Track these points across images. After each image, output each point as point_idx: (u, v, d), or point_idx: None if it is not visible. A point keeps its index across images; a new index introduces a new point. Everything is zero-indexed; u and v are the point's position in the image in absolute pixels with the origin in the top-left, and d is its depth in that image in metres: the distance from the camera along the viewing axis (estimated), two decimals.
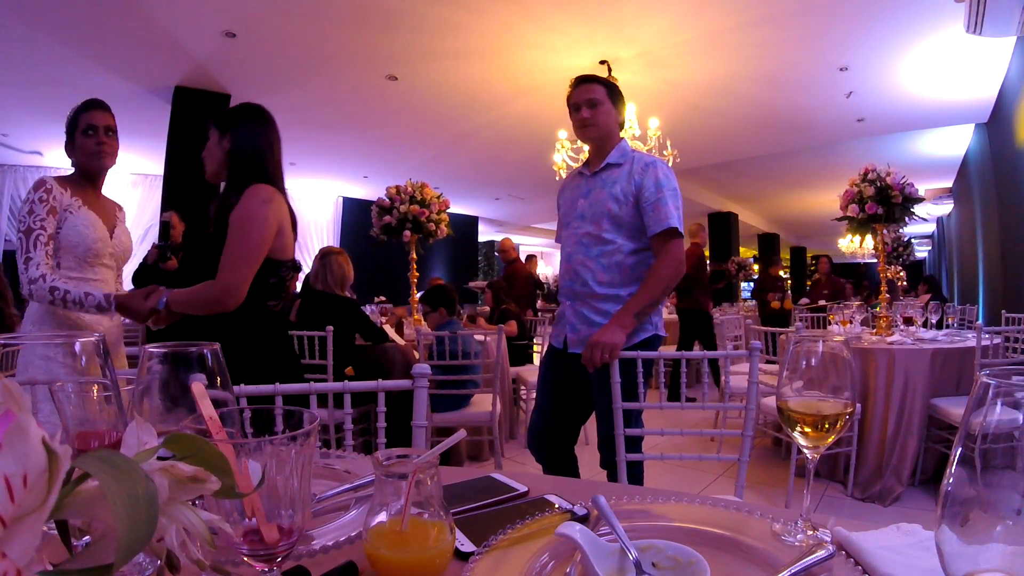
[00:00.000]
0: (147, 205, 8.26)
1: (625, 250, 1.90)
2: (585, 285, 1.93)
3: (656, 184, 1.86)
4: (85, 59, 4.74)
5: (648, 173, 1.88)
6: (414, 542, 0.52)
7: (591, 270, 1.92)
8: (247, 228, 1.63)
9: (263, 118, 1.78)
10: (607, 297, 1.90)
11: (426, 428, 1.19)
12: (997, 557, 0.35)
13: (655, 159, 1.94)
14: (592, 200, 1.96)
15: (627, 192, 1.89)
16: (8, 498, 0.24)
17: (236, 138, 1.73)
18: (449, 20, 4.26)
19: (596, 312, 1.91)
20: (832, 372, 0.68)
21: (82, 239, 1.81)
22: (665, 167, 1.92)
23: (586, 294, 1.93)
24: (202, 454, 0.34)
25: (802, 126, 6.79)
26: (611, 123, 1.98)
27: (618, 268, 1.90)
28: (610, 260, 1.90)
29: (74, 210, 1.83)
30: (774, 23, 4.34)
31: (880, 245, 3.62)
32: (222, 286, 1.61)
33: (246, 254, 1.62)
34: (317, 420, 0.47)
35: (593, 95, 1.96)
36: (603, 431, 1.86)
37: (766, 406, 3.19)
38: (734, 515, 0.68)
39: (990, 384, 0.36)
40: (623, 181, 1.91)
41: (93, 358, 0.55)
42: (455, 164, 8.25)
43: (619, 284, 1.90)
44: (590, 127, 1.96)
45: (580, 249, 1.95)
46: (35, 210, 1.76)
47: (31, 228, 1.73)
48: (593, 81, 2.00)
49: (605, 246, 1.91)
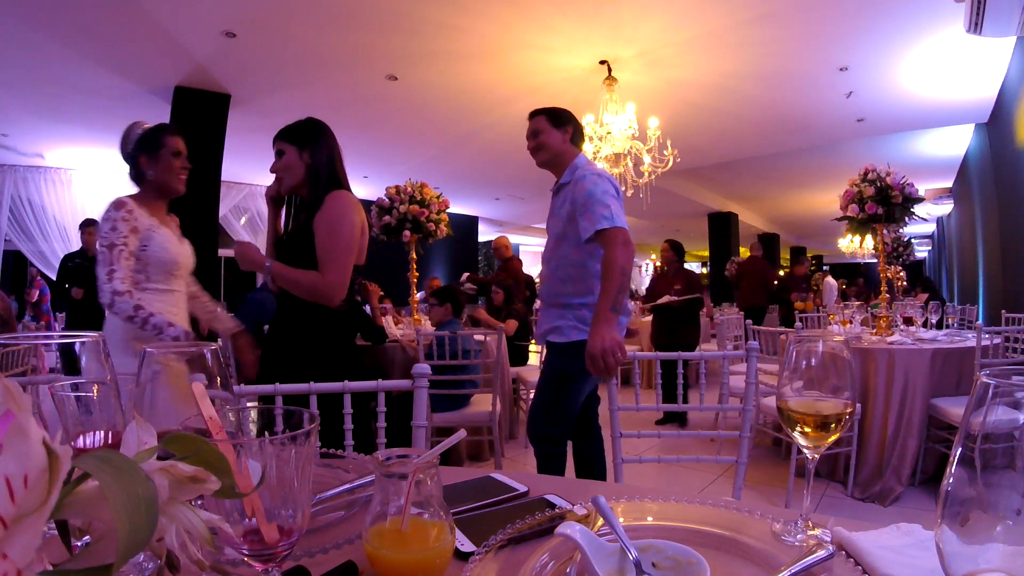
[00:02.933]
0: None
1: (571, 261, 2.11)
2: (549, 295, 2.20)
3: (584, 195, 2.02)
4: (85, 59, 4.74)
5: (577, 188, 2.05)
6: (414, 542, 0.52)
7: (551, 283, 2.18)
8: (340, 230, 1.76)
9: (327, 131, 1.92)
10: (563, 305, 2.14)
11: (426, 428, 1.19)
12: (997, 557, 0.35)
13: (587, 172, 2.09)
14: (554, 219, 2.20)
15: (567, 209, 2.09)
16: (8, 498, 0.24)
17: (314, 152, 1.86)
18: (449, 21, 4.26)
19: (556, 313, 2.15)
20: (832, 372, 0.68)
21: (170, 256, 1.94)
22: (594, 177, 2.05)
23: (552, 302, 2.19)
24: (202, 454, 0.34)
25: (802, 126, 6.79)
26: (556, 145, 2.17)
27: (568, 279, 2.12)
28: (563, 273, 2.13)
29: (155, 228, 1.94)
30: (774, 22, 4.34)
31: (880, 245, 3.62)
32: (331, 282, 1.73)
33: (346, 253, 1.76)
34: (317, 420, 0.47)
35: (535, 127, 2.20)
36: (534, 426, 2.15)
37: (766, 406, 3.19)
38: (734, 515, 0.68)
39: (990, 384, 0.36)
40: (568, 199, 2.09)
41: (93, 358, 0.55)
42: (455, 164, 8.25)
43: (572, 294, 2.11)
44: (538, 155, 2.21)
45: (545, 264, 2.24)
46: (118, 227, 1.85)
47: (114, 243, 1.82)
48: (535, 115, 2.23)
49: (559, 260, 2.14)
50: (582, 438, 2.26)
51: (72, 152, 7.43)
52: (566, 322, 2.12)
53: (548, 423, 2.12)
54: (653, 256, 22.79)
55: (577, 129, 2.23)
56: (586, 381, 2.14)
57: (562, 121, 2.19)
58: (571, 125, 2.21)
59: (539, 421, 2.14)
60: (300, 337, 1.80)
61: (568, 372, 2.10)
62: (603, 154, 5.09)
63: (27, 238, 7.72)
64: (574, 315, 2.11)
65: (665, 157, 5.17)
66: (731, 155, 8.19)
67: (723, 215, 12.54)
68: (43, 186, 7.81)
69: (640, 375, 1.70)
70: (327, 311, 1.79)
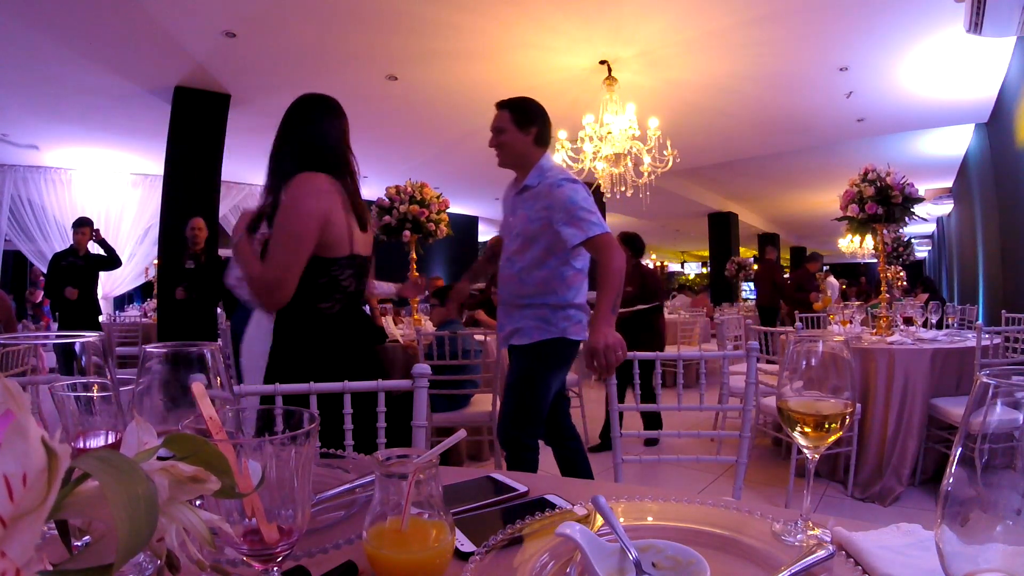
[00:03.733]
0: (147, 205, 8.26)
1: (538, 265, 2.09)
2: (509, 297, 2.16)
3: (565, 202, 1.99)
4: (85, 59, 4.74)
5: (554, 195, 2.01)
6: (414, 542, 0.52)
7: (513, 284, 2.15)
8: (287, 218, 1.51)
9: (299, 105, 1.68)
10: (523, 305, 2.12)
11: (426, 428, 1.19)
12: (997, 557, 0.35)
13: (560, 179, 2.06)
14: (517, 219, 2.15)
15: (540, 214, 2.05)
16: (8, 498, 0.24)
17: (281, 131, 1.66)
18: (449, 20, 4.26)
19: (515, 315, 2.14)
20: (832, 372, 0.68)
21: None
22: (570, 185, 2.04)
23: (509, 302, 2.17)
24: (202, 454, 0.34)
25: (802, 126, 6.79)
26: (518, 147, 2.12)
27: (533, 281, 2.09)
28: (529, 276, 2.10)
29: None
30: (774, 23, 4.34)
31: (880, 245, 3.62)
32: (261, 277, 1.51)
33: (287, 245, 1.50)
34: (317, 420, 0.47)
35: (498, 123, 2.13)
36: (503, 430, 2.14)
37: (766, 406, 3.19)
38: (734, 515, 0.68)
39: (990, 384, 0.36)
40: (537, 203, 2.06)
41: (93, 358, 0.55)
42: (455, 164, 8.25)
43: (533, 295, 2.10)
44: (498, 155, 2.16)
45: (508, 265, 2.17)
46: None
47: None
48: (501, 107, 2.15)
49: (526, 263, 2.10)
50: (559, 441, 2.25)
51: (72, 152, 7.43)
52: (528, 323, 2.11)
53: (518, 426, 2.11)
54: (653, 256, 22.80)
55: (543, 129, 2.16)
56: (553, 380, 2.13)
57: (527, 121, 2.12)
58: (536, 125, 2.14)
59: (509, 425, 2.13)
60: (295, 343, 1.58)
61: (534, 373, 2.10)
62: (603, 154, 5.09)
63: (27, 238, 7.72)
64: (534, 315, 2.10)
65: (665, 157, 5.17)
66: (731, 155, 8.19)
67: (723, 215, 12.53)
68: (43, 186, 7.81)
69: (640, 375, 1.69)
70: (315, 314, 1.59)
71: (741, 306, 9.92)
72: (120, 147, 7.25)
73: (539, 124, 2.14)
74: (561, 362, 2.15)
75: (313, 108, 1.67)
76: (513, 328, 2.14)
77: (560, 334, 2.09)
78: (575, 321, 2.11)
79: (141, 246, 8.31)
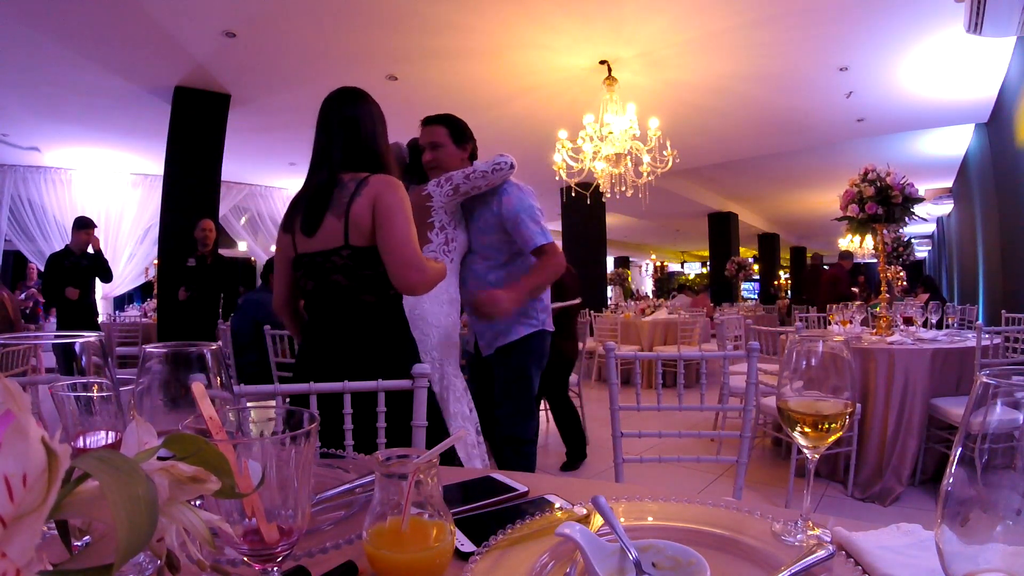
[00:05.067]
0: (147, 205, 8.26)
1: (501, 265, 2.13)
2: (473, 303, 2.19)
3: (511, 211, 2.04)
4: (85, 59, 4.74)
5: (502, 202, 2.06)
6: (414, 542, 0.52)
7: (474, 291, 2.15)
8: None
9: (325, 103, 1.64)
10: None
11: (426, 428, 1.19)
12: (997, 557, 0.35)
13: (506, 186, 2.09)
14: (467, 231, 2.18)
15: (493, 221, 2.09)
16: (8, 498, 0.24)
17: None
18: (449, 20, 4.26)
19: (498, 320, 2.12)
20: (832, 372, 0.68)
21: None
22: (515, 190, 2.08)
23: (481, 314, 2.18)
24: (202, 454, 0.34)
25: (802, 126, 6.79)
26: (454, 162, 2.12)
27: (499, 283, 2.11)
28: (493, 278, 2.13)
29: None
30: (774, 23, 4.34)
31: (880, 245, 3.61)
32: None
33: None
34: (317, 420, 0.47)
35: (434, 138, 2.12)
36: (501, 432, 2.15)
37: (766, 406, 3.19)
38: (734, 515, 0.68)
39: (990, 384, 0.36)
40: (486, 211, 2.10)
41: (93, 358, 0.55)
42: None
43: None
44: (433, 169, 2.13)
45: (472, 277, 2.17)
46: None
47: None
48: (435, 123, 2.14)
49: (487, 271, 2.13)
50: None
51: (72, 152, 7.43)
52: (508, 321, 2.13)
53: (515, 425, 2.13)
54: (653, 256, 22.80)
55: (475, 148, 2.20)
56: (539, 373, 2.18)
57: (464, 138, 2.14)
58: (471, 143, 2.17)
59: (507, 426, 2.15)
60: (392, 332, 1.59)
61: (525, 369, 2.13)
62: (603, 154, 5.09)
63: (27, 238, 7.72)
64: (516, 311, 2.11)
65: (665, 157, 5.17)
66: (731, 155, 8.19)
67: (723, 215, 12.53)
68: (43, 186, 7.82)
69: (640, 375, 1.69)
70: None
71: (741, 306, 9.92)
72: (120, 147, 7.25)
73: (472, 142, 2.18)
74: (544, 353, 2.21)
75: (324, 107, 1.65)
76: (495, 332, 2.16)
77: (541, 326, 2.17)
78: (549, 313, 2.22)
79: (141, 246, 8.31)
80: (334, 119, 1.57)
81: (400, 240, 1.47)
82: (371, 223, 1.48)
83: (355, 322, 1.53)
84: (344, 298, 1.52)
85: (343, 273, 1.51)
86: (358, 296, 1.52)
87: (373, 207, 1.48)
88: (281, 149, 7.62)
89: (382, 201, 1.48)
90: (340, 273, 1.51)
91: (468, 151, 2.15)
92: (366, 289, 1.51)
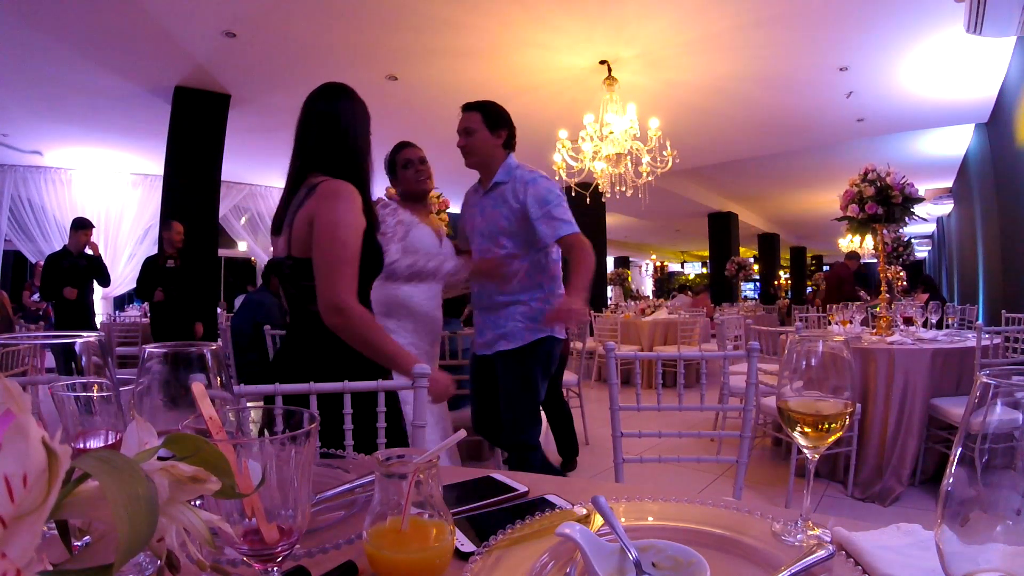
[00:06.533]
0: (147, 205, 8.27)
1: (518, 260, 2.11)
2: (489, 297, 2.16)
3: (538, 201, 2.04)
4: (85, 59, 4.74)
5: (529, 192, 2.06)
6: (414, 542, 0.52)
7: (489, 285, 2.14)
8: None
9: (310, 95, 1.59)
10: (507, 303, 2.13)
11: (426, 428, 1.19)
12: (997, 557, 0.35)
13: (534, 176, 2.10)
14: (487, 218, 2.17)
15: (514, 209, 2.09)
16: (8, 498, 0.24)
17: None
18: (449, 19, 4.26)
19: (500, 317, 2.14)
20: (832, 372, 0.68)
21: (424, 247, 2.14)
22: (544, 181, 2.09)
23: (490, 304, 2.16)
24: (202, 454, 0.34)
25: (802, 126, 6.79)
26: (487, 148, 2.15)
27: (514, 277, 2.10)
28: (508, 271, 2.09)
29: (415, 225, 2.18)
30: (774, 24, 4.34)
31: (880, 245, 3.61)
32: None
33: None
34: (317, 420, 0.47)
35: (468, 124, 2.15)
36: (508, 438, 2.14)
37: (766, 406, 3.19)
38: (734, 515, 0.68)
39: (990, 384, 0.36)
40: (510, 198, 2.10)
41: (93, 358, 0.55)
42: (455, 164, 8.20)
43: (518, 291, 2.12)
44: (467, 155, 2.19)
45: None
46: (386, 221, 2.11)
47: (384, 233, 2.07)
48: (471, 109, 2.17)
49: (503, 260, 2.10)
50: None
51: (72, 152, 7.43)
52: (516, 323, 2.10)
53: (522, 431, 2.11)
54: (653, 256, 22.80)
55: (511, 132, 2.19)
56: (545, 378, 2.14)
57: (498, 124, 2.15)
58: (506, 129, 2.16)
59: (513, 432, 2.12)
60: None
61: (530, 375, 2.09)
62: (603, 154, 5.09)
63: (27, 238, 7.73)
64: (522, 314, 2.10)
65: (665, 157, 5.17)
66: (731, 155, 8.19)
67: (723, 215, 12.53)
68: (43, 186, 7.82)
69: (640, 375, 1.69)
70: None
71: (741, 306, 9.92)
72: (120, 147, 7.25)
73: (508, 128, 2.18)
74: (551, 360, 2.17)
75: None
76: (498, 334, 2.12)
77: (548, 332, 2.11)
78: None
79: (141, 246, 8.31)
80: (312, 113, 1.50)
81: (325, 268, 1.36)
82: (308, 236, 1.39)
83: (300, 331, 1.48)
84: (294, 306, 1.49)
85: (290, 283, 1.47)
86: (305, 306, 1.44)
87: (309, 220, 1.39)
88: (281, 149, 7.56)
89: (319, 216, 1.37)
90: (288, 283, 1.48)
91: (503, 137, 2.16)
92: (310, 299, 1.40)
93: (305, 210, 1.40)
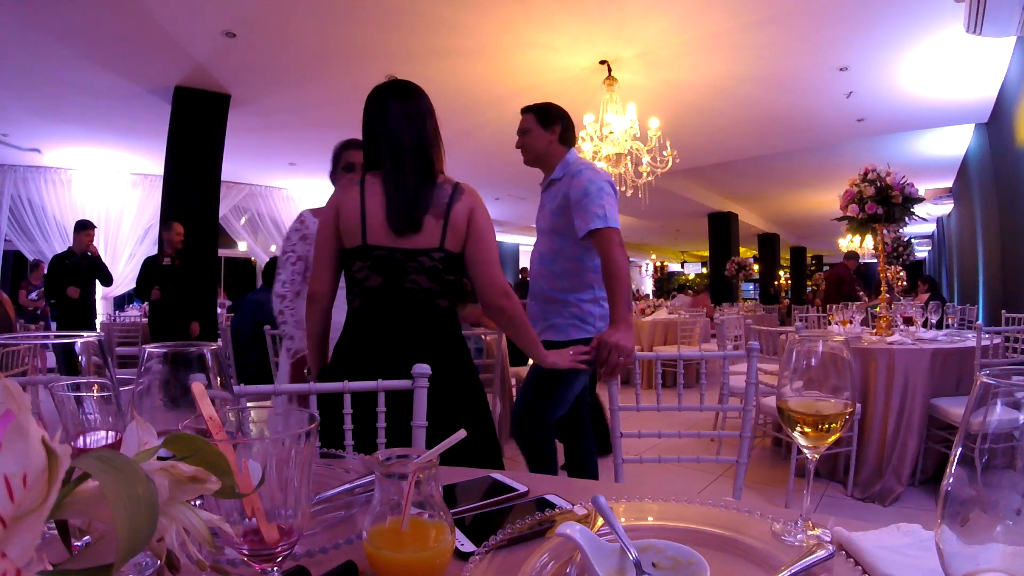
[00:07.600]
0: (147, 205, 8.26)
1: (567, 255, 2.11)
2: (542, 291, 2.19)
3: (579, 191, 2.01)
4: (85, 59, 4.74)
5: (573, 183, 2.05)
6: (414, 542, 0.52)
7: (545, 278, 2.17)
8: None
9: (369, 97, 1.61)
10: (556, 300, 2.14)
11: (426, 428, 1.19)
12: (997, 557, 0.35)
13: (583, 168, 2.08)
14: (543, 214, 2.20)
15: (563, 204, 2.07)
16: (8, 498, 0.24)
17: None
18: (449, 19, 4.26)
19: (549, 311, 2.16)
20: (832, 372, 0.68)
21: None
22: (591, 172, 2.05)
23: (543, 297, 2.19)
24: (202, 454, 0.34)
25: (802, 126, 6.78)
26: (542, 145, 2.17)
27: (564, 273, 2.12)
28: (558, 267, 2.12)
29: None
30: (774, 24, 4.34)
31: (880, 245, 3.61)
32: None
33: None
34: (317, 420, 0.47)
35: (523, 125, 2.20)
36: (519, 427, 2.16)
37: (766, 406, 3.19)
38: (734, 515, 0.68)
39: (990, 384, 0.36)
40: (561, 194, 2.10)
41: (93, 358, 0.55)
42: (454, 163, 8.14)
43: (568, 290, 2.12)
44: (524, 154, 2.23)
45: (538, 259, 2.22)
46: (291, 237, 2.12)
47: (284, 251, 2.12)
48: (525, 112, 2.23)
49: (554, 255, 2.14)
50: (573, 441, 2.28)
51: (72, 152, 7.43)
52: (563, 320, 2.10)
53: (531, 422, 2.11)
54: (653, 256, 22.81)
55: (567, 127, 2.19)
56: (576, 382, 2.11)
57: (550, 120, 2.17)
58: (559, 123, 2.18)
59: (523, 422, 2.13)
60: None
61: (563, 372, 2.04)
62: (603, 154, 5.10)
63: (27, 238, 7.73)
64: (570, 312, 2.10)
65: (665, 157, 5.17)
66: (731, 155, 8.19)
67: (723, 215, 12.53)
68: (43, 186, 7.82)
69: (640, 375, 1.69)
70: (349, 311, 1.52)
71: (741, 306, 9.92)
72: (120, 147, 7.24)
73: (562, 123, 2.19)
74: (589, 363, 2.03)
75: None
76: (547, 323, 2.14)
77: (595, 334, 2.05)
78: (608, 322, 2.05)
79: (141, 246, 8.31)
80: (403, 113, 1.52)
81: (492, 260, 1.49)
82: (465, 232, 1.47)
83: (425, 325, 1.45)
84: (418, 299, 1.44)
85: (428, 275, 1.44)
86: (433, 300, 1.45)
87: (469, 217, 1.47)
88: (281, 149, 7.62)
89: (478, 214, 1.48)
90: (424, 274, 1.43)
91: (556, 132, 2.17)
92: (443, 294, 1.47)
93: (463, 205, 1.47)
